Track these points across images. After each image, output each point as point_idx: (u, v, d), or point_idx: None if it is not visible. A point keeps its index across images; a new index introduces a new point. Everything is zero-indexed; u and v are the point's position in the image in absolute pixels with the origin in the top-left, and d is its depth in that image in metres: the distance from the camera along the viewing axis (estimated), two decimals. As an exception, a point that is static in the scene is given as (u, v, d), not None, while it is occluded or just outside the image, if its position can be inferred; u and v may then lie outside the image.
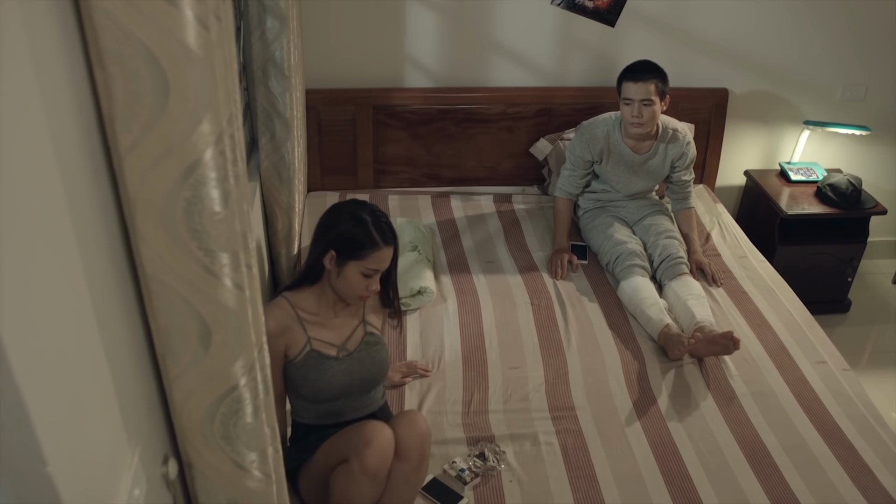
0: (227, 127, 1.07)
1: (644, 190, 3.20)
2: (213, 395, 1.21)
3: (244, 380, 1.22)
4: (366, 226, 1.95)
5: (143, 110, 0.98)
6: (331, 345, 2.06)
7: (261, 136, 2.77)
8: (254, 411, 1.27)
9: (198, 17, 0.97)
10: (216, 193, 1.07)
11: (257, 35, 2.58)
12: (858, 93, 3.76)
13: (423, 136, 3.51)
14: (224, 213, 1.09)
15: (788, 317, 2.84)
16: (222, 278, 1.13)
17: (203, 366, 1.17)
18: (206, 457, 1.29)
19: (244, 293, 1.16)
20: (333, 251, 1.96)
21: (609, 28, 3.43)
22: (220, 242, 1.10)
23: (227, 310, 1.15)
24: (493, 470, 2.14)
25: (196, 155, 1.02)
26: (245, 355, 1.21)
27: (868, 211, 3.57)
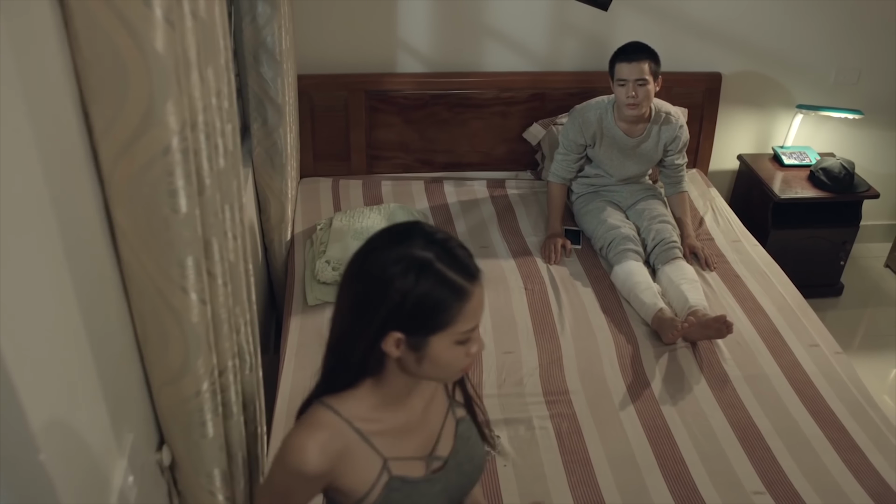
0: (202, 116, 1.06)
1: (637, 174, 3.20)
2: (190, 390, 1.20)
3: (207, 383, 1.21)
4: (438, 273, 1.21)
5: (111, 97, 0.97)
6: (416, 459, 1.39)
7: (253, 122, 2.75)
8: (239, 410, 1.26)
9: (165, 16, 0.96)
10: (182, 183, 1.06)
11: (248, 20, 2.56)
12: (851, 76, 3.75)
13: (416, 121, 3.50)
14: (189, 207, 1.08)
15: (781, 300, 2.85)
16: (217, 277, 1.12)
17: (197, 368, 1.17)
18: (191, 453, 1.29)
19: (206, 306, 1.16)
20: (399, 333, 1.24)
21: (602, 12, 3.41)
22: (183, 246, 1.09)
23: (218, 304, 1.14)
24: (488, 454, 2.14)
25: (165, 141, 1.01)
26: (230, 352, 1.20)
27: (860, 195, 3.58)
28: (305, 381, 2.37)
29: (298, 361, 2.45)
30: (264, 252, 3.04)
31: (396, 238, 1.25)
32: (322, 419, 1.30)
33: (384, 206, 3.06)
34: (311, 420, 1.30)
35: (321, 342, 2.48)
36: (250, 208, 2.79)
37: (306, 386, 2.32)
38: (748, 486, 2.10)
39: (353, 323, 1.27)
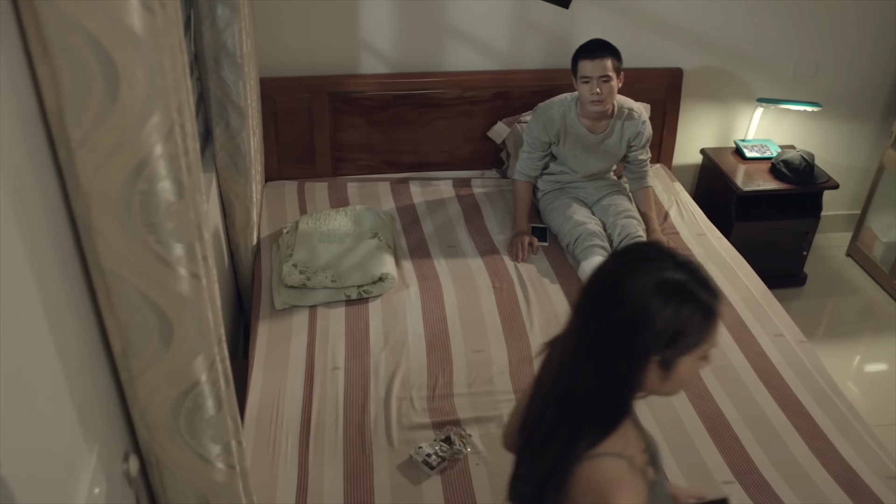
0: (177, 117, 1.05)
1: (602, 170, 3.22)
2: (177, 390, 1.19)
3: (206, 374, 1.21)
4: (694, 295, 1.21)
5: (94, 102, 0.96)
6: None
7: (215, 127, 2.73)
8: (216, 404, 1.25)
9: (143, 2, 0.95)
10: (170, 185, 1.05)
11: (208, 23, 2.54)
12: (809, 69, 3.81)
13: (381, 122, 3.49)
14: (179, 204, 1.07)
15: (746, 292, 2.88)
16: (178, 269, 1.11)
17: (166, 361, 1.16)
18: (172, 453, 1.27)
19: (201, 282, 1.15)
20: (657, 357, 1.23)
21: (563, 10, 3.43)
22: (177, 234, 1.08)
23: (186, 301, 1.13)
24: (460, 454, 2.14)
25: (149, 147, 1.00)
26: (206, 348, 1.20)
27: (821, 186, 3.64)
28: (275, 385, 2.36)
29: (267, 366, 2.44)
30: (230, 257, 3.01)
31: (641, 262, 1.23)
32: (619, 472, 1.23)
33: (350, 208, 3.05)
34: (611, 478, 1.22)
35: (289, 346, 2.48)
36: (215, 213, 2.76)
37: (275, 390, 2.32)
38: (718, 476, 2.12)
39: (616, 359, 1.22)
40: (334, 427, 2.23)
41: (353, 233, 2.89)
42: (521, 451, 1.39)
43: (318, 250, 2.78)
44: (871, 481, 2.10)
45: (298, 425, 2.23)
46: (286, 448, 2.15)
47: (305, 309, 2.68)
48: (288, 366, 2.45)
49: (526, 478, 1.35)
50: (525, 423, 1.37)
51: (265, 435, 2.19)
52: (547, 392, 1.32)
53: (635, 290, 1.19)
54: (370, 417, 2.26)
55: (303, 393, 2.35)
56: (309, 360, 2.47)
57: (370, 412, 2.28)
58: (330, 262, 2.73)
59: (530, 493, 1.33)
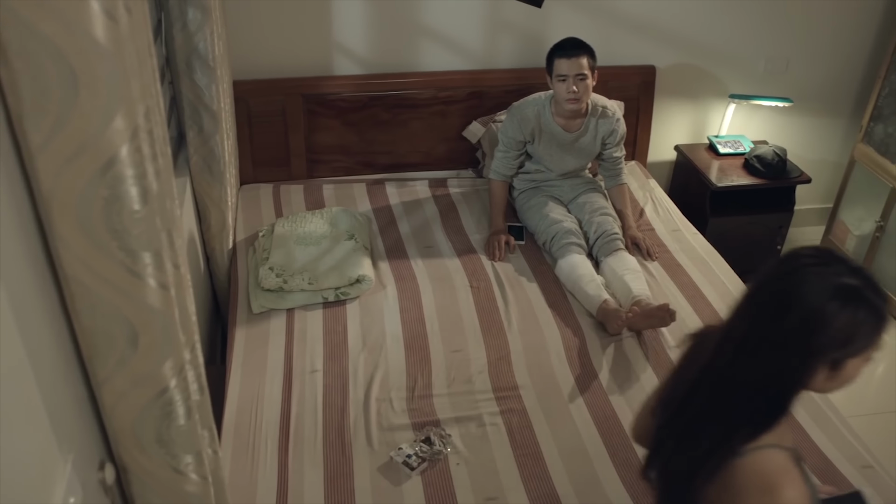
0: (143, 122, 1.05)
1: (577, 168, 3.24)
2: (143, 398, 1.18)
3: (174, 381, 1.20)
4: (870, 301, 1.25)
5: (52, 107, 0.95)
6: None
7: (188, 131, 2.71)
8: (186, 413, 1.24)
9: (105, 10, 0.94)
10: (135, 191, 1.04)
11: (179, 27, 2.52)
12: (780, 65, 3.85)
13: (356, 123, 3.48)
14: (144, 210, 1.06)
15: (722, 287, 2.90)
16: (146, 278, 1.10)
17: (131, 368, 1.15)
18: (140, 461, 1.26)
19: (169, 292, 1.14)
20: (828, 358, 1.27)
21: (536, 9, 3.44)
22: (142, 241, 1.07)
23: (153, 310, 1.12)
24: (440, 454, 2.14)
25: (111, 152, 0.99)
26: (174, 356, 1.18)
27: (793, 180, 3.67)
28: (253, 390, 2.34)
29: (245, 371, 2.42)
30: (206, 262, 2.99)
31: (817, 267, 1.26)
32: (785, 463, 1.28)
33: (326, 210, 3.04)
34: (778, 469, 1.26)
35: (267, 350, 2.47)
36: (189, 218, 2.74)
37: (254, 395, 2.31)
38: (697, 471, 2.13)
39: (787, 358, 1.26)
40: (314, 430, 2.22)
41: (330, 235, 2.88)
42: (660, 430, 1.42)
43: (294, 253, 2.77)
44: (846, 471, 2.12)
45: (277, 429, 2.22)
46: (265, 452, 2.14)
47: (283, 312, 2.67)
48: (266, 370, 2.44)
49: (668, 460, 1.38)
50: (666, 404, 1.40)
51: (244, 440, 2.18)
52: (697, 379, 1.34)
53: (812, 294, 1.23)
54: (349, 420, 2.26)
55: (281, 397, 2.34)
56: (287, 363, 2.46)
57: (349, 414, 2.27)
58: (306, 265, 2.72)
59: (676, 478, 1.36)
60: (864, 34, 3.84)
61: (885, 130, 3.71)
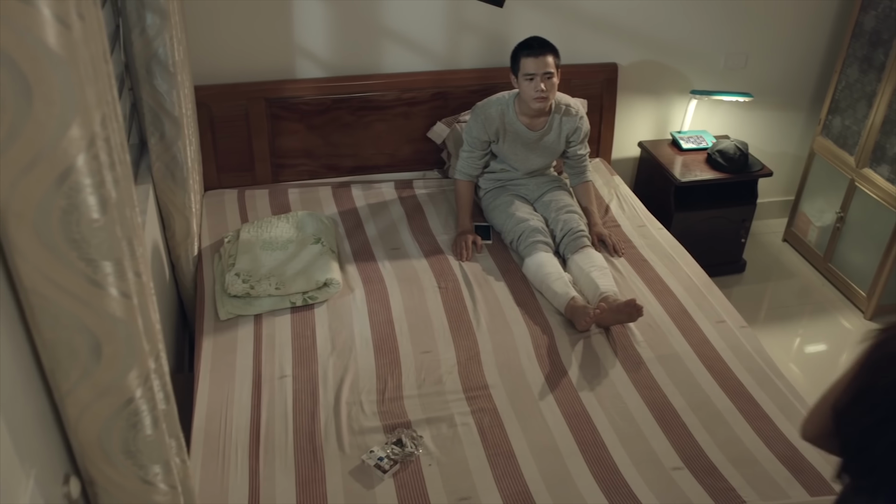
0: (100, 130, 1.03)
1: (542, 167, 3.25)
2: (108, 409, 1.17)
3: (140, 391, 1.18)
4: None
5: (5, 116, 0.93)
6: None
7: (150, 137, 2.68)
8: (153, 422, 1.23)
9: (57, 16, 0.92)
10: (93, 200, 1.03)
11: (137, 32, 2.49)
12: (740, 61, 3.90)
13: (320, 126, 3.47)
14: (103, 220, 1.05)
15: (688, 280, 2.93)
16: (107, 288, 1.08)
17: (95, 379, 1.13)
18: (107, 473, 1.24)
19: (132, 301, 1.12)
20: None
21: (498, 9, 3.45)
22: (102, 251, 1.05)
23: (116, 320, 1.11)
24: (412, 455, 2.14)
25: (68, 161, 0.98)
26: (139, 366, 1.17)
27: (755, 174, 3.72)
28: (222, 397, 2.32)
29: (213, 378, 2.40)
30: (171, 269, 2.96)
31: None
32: None
33: (292, 215, 3.02)
34: None
35: (235, 356, 2.45)
36: (153, 225, 2.71)
37: (223, 402, 2.29)
38: (667, 463, 2.15)
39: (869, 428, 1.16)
40: (284, 436, 2.21)
41: (296, 239, 2.87)
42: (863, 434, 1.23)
43: (260, 258, 2.76)
44: (812, 458, 2.16)
45: (247, 436, 2.21)
46: (236, 460, 2.13)
47: (250, 318, 2.65)
48: (235, 376, 2.42)
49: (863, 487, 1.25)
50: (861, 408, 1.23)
51: (214, 448, 2.16)
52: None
53: None
54: (320, 424, 2.25)
55: (251, 403, 2.32)
56: (256, 369, 2.45)
57: (320, 419, 2.26)
58: (273, 270, 2.71)
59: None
60: (820, 30, 3.90)
61: (842, 123, 3.78)
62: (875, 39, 3.52)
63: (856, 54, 3.65)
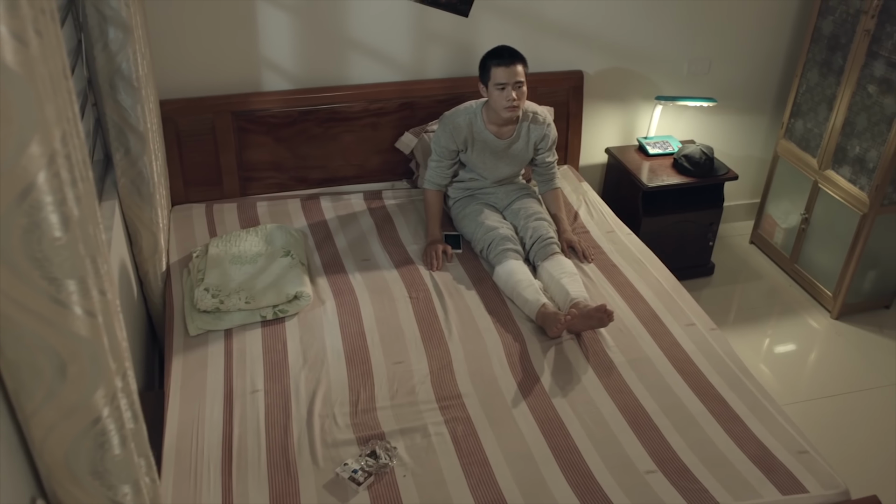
0: (60, 147, 1.02)
1: (510, 175, 3.27)
2: (75, 430, 1.15)
3: (107, 410, 1.17)
4: None
5: None
6: None
7: (115, 153, 2.65)
8: (121, 442, 1.21)
9: (14, 33, 0.91)
10: (55, 218, 1.01)
11: (100, 47, 2.47)
12: (703, 66, 3.95)
13: (287, 139, 3.46)
14: (66, 237, 1.03)
15: (657, 285, 2.96)
16: (71, 307, 1.07)
17: (60, 399, 1.11)
18: (75, 495, 1.22)
19: (97, 320, 1.11)
20: None
21: (463, 18, 3.47)
22: (65, 269, 1.04)
23: (81, 339, 1.09)
24: (386, 467, 2.13)
25: (28, 179, 0.96)
26: (106, 385, 1.15)
27: (721, 177, 3.77)
28: (193, 413, 2.30)
29: (184, 395, 2.38)
30: (139, 285, 2.93)
31: None
32: None
33: (261, 228, 3.01)
34: None
35: (206, 372, 2.43)
36: (119, 242, 2.68)
37: (194, 418, 2.27)
38: (641, 467, 2.17)
39: None
40: (257, 451, 2.19)
41: (265, 252, 2.85)
42: None
43: (230, 272, 2.74)
44: (783, 457, 2.18)
45: (220, 452, 2.18)
46: (208, 477, 2.10)
47: (221, 333, 2.63)
48: (206, 392, 2.39)
49: None
50: None
51: (186, 465, 2.14)
52: None
53: None
54: (293, 438, 2.23)
55: (223, 419, 2.30)
56: (227, 384, 2.42)
57: (293, 433, 2.25)
58: (243, 284, 2.69)
59: None
60: (781, 35, 3.97)
61: (804, 126, 3.84)
62: (833, 44, 3.59)
63: (815, 59, 3.71)
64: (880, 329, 3.72)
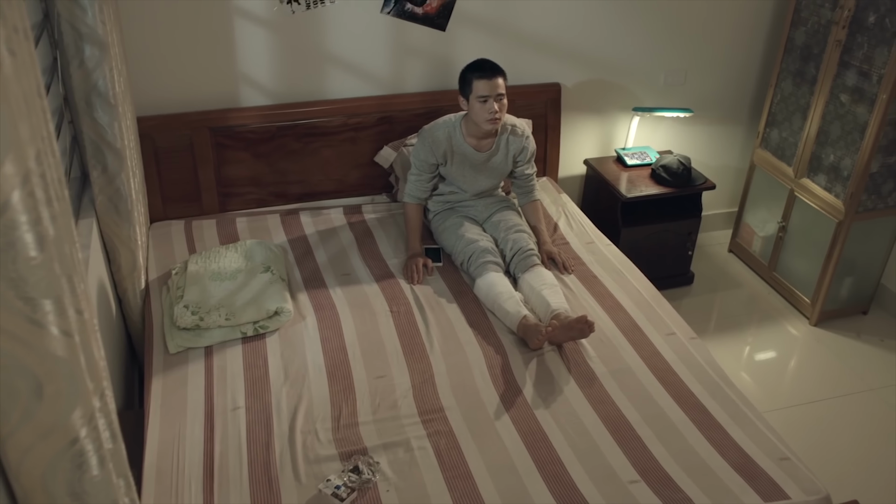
0: (35, 166, 1.01)
1: (490, 187, 3.28)
2: (52, 451, 1.14)
3: (85, 430, 1.16)
4: None
5: None
6: None
7: (92, 171, 2.64)
8: (100, 462, 1.20)
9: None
10: (30, 237, 1.01)
11: (76, 64, 2.46)
12: (679, 77, 3.99)
13: (266, 154, 3.45)
14: (41, 257, 1.03)
15: (637, 295, 2.97)
16: (47, 327, 1.06)
17: (37, 420, 1.10)
18: (53, 516, 1.21)
19: (74, 339, 1.10)
20: None
21: (441, 32, 3.49)
22: (41, 289, 1.03)
23: (57, 359, 1.08)
24: (369, 482, 2.12)
25: (1, 199, 0.96)
26: (83, 405, 1.14)
27: (699, 187, 3.80)
28: (173, 432, 2.28)
29: (164, 413, 2.36)
30: (118, 304, 2.90)
31: None
32: None
33: (241, 244, 3.00)
34: None
35: (186, 390, 2.41)
36: (97, 260, 2.66)
37: (175, 437, 2.25)
38: (623, 477, 2.17)
39: None
40: (238, 468, 2.17)
41: (245, 268, 2.84)
42: None
43: (209, 289, 2.72)
44: (764, 464, 2.19)
45: (201, 470, 2.16)
46: (190, 496, 2.08)
47: (201, 350, 2.61)
48: (186, 410, 2.37)
49: None
50: None
51: (166, 485, 2.12)
52: None
53: None
54: (275, 455, 2.22)
55: (203, 437, 2.28)
56: (208, 402, 2.41)
57: (275, 449, 2.23)
58: (223, 301, 2.67)
59: None
60: (755, 46, 4.01)
61: (779, 135, 3.88)
62: (806, 54, 3.64)
63: (789, 69, 3.76)
64: (858, 335, 3.76)
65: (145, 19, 3.11)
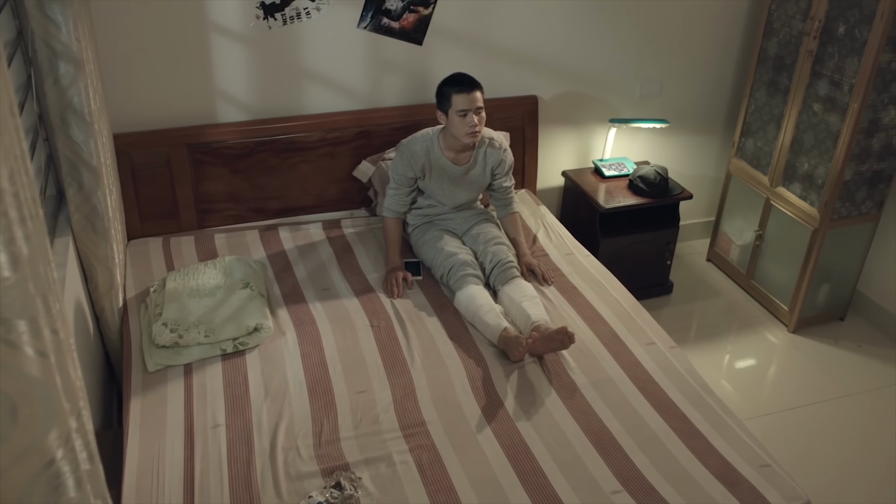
0: (8, 185, 1.01)
1: (469, 200, 3.28)
2: (28, 473, 1.12)
3: (61, 452, 1.14)
4: None
5: None
6: None
7: (68, 188, 2.62)
8: (77, 484, 1.18)
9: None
10: (3, 257, 1.00)
11: (51, 82, 2.44)
12: (655, 89, 4.02)
13: (244, 170, 3.44)
14: (15, 277, 1.02)
15: (617, 305, 2.98)
16: (22, 347, 1.05)
17: (12, 443, 1.09)
18: (30, 540, 1.19)
19: (49, 360, 1.09)
20: None
21: (417, 47, 3.50)
22: (14, 309, 1.02)
23: (32, 380, 1.07)
24: (352, 498, 2.11)
25: None
26: (59, 426, 1.13)
27: (676, 197, 3.83)
28: (153, 451, 2.26)
29: (143, 432, 2.33)
30: (95, 322, 2.88)
31: None
32: None
33: (219, 260, 2.98)
34: None
35: (166, 408, 2.39)
36: (74, 278, 2.64)
37: (154, 456, 2.23)
38: (606, 487, 2.17)
39: None
40: (220, 487, 2.15)
41: (224, 285, 2.83)
42: None
43: (188, 306, 2.70)
44: (745, 472, 2.20)
45: (181, 490, 2.14)
46: (169, 516, 2.07)
47: (180, 368, 2.59)
48: (166, 429, 2.35)
49: None
50: None
51: (146, 505, 2.10)
52: None
53: None
54: (256, 472, 2.20)
55: (184, 455, 2.26)
56: (188, 420, 2.39)
57: (256, 467, 2.22)
58: (202, 318, 2.66)
59: None
60: (729, 56, 4.06)
61: (754, 144, 3.92)
62: (779, 64, 3.68)
63: (762, 79, 3.81)
64: (836, 341, 3.79)
65: (120, 36, 3.10)
